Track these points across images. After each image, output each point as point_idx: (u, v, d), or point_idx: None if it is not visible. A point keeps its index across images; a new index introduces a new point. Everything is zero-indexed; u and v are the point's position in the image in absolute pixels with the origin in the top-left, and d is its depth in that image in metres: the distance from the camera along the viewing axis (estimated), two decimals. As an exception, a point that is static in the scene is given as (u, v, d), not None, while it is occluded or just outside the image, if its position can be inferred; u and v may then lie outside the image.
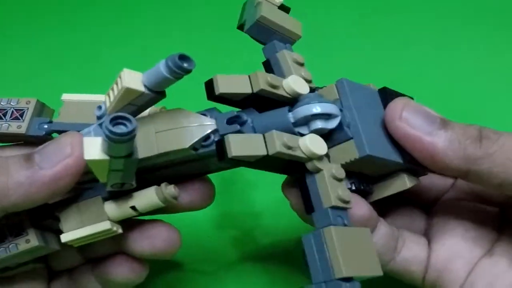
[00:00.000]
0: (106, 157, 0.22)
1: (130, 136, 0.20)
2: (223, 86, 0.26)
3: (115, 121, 0.20)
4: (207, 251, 0.36)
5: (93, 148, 0.22)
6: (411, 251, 0.29)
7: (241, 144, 0.24)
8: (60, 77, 0.51)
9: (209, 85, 0.26)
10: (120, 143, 0.21)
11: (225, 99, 0.27)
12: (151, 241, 0.30)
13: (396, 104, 0.26)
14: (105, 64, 0.52)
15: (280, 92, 0.27)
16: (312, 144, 0.25)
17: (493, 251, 0.29)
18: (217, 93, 0.26)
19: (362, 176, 0.29)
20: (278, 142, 0.24)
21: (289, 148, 0.25)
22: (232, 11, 0.34)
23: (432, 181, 0.32)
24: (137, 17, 0.57)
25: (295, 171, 0.27)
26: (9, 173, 0.24)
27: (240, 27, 0.31)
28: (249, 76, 0.27)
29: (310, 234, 0.25)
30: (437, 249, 0.29)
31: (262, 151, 0.25)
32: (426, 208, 0.33)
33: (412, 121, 0.26)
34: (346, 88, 0.28)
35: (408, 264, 0.29)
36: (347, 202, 0.25)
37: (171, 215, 0.31)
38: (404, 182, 0.28)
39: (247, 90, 0.26)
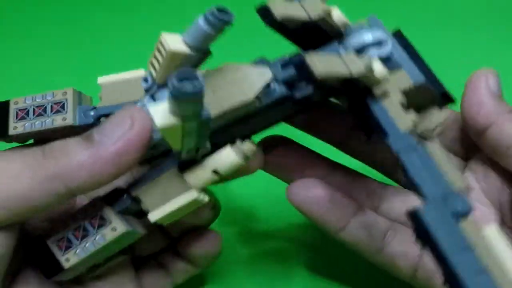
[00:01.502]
0: (179, 121, 0.20)
1: (201, 93, 0.19)
2: (281, 9, 0.24)
3: (180, 79, 0.18)
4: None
5: (163, 114, 0.20)
6: (401, 246, 0.29)
7: (324, 63, 0.23)
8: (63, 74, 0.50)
9: (264, 10, 0.24)
10: (190, 102, 0.19)
11: (280, 25, 0.25)
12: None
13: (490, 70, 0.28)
14: (106, 62, 0.51)
15: (332, 22, 0.25)
16: (383, 66, 0.24)
17: None
18: (279, 17, 0.24)
19: None
20: (362, 62, 0.23)
21: (370, 69, 0.23)
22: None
23: None
24: (137, 17, 0.56)
25: (354, 97, 0.25)
26: (69, 154, 0.23)
27: None
28: (301, 4, 0.25)
29: (411, 151, 0.23)
30: None
31: (345, 71, 0.23)
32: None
33: (491, 83, 0.28)
34: (379, 22, 0.27)
35: (396, 259, 0.28)
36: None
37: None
38: (439, 114, 0.28)
39: (304, 16, 0.25)
